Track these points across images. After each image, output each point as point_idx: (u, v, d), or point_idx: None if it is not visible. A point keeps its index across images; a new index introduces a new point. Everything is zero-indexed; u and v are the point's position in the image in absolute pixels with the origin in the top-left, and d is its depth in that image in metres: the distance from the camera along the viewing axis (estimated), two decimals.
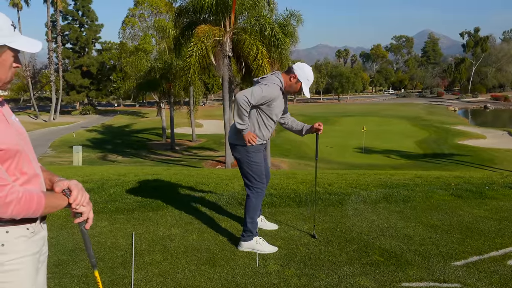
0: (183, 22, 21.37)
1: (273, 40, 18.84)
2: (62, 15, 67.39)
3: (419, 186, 6.19)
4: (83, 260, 3.53)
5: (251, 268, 3.41)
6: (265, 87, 3.57)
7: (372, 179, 6.91)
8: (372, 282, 3.15)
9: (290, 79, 3.67)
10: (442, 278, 3.21)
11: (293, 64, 3.78)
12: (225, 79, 20.31)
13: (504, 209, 5.04)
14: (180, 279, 3.21)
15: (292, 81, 3.67)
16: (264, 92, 3.54)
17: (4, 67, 1.55)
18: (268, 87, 3.58)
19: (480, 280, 3.16)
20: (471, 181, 6.63)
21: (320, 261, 3.55)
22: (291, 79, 3.67)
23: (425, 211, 4.99)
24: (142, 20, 59.05)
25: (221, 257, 3.62)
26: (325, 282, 3.16)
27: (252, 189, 3.77)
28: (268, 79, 3.65)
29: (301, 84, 3.66)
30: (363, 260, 3.56)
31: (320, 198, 5.44)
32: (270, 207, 5.10)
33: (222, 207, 5.11)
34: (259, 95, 3.53)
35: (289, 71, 3.71)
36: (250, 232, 3.74)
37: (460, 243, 3.92)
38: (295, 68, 3.68)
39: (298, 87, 3.68)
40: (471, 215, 4.79)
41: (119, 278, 3.20)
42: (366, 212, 4.95)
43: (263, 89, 3.55)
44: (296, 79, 3.66)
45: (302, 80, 3.65)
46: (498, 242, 3.95)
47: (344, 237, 4.10)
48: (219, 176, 7.15)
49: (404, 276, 3.25)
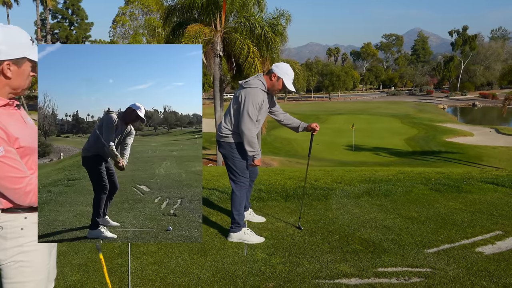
0: (173, 21, 21.54)
1: (263, 39, 19.12)
2: (51, 14, 67.04)
3: (400, 181, 6.51)
4: (82, 251, 3.77)
5: (240, 256, 3.68)
6: (248, 103, 3.80)
7: (357, 175, 7.21)
8: (351, 268, 3.43)
9: (271, 79, 3.96)
10: (414, 263, 3.51)
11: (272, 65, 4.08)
12: (216, 78, 20.54)
13: (478, 202, 5.37)
14: (174, 267, 3.46)
15: (273, 80, 3.95)
16: (255, 107, 3.81)
17: (23, 76, 1.81)
18: (252, 97, 3.81)
19: (449, 265, 3.46)
20: (450, 177, 6.97)
21: (303, 250, 3.83)
22: (272, 78, 3.95)
23: (404, 204, 5.30)
24: (132, 19, 58.83)
25: (212, 247, 3.88)
26: (307, 268, 3.43)
27: (235, 183, 4.04)
28: (250, 83, 3.91)
29: (282, 80, 3.93)
30: (344, 248, 3.85)
31: (306, 192, 5.73)
32: (258, 202, 5.38)
33: (213, 202, 5.38)
34: (255, 114, 3.81)
35: (268, 72, 4.00)
36: (238, 223, 4.01)
37: (434, 233, 4.23)
38: (273, 67, 3.99)
39: (280, 83, 3.95)
40: (446, 208, 5.11)
41: (117, 266, 3.45)
42: (348, 205, 5.25)
43: (250, 104, 3.80)
44: (277, 77, 3.94)
45: (282, 76, 3.93)
46: (469, 232, 4.27)
47: (327, 228, 4.38)
48: (210, 173, 7.41)
49: (380, 262, 3.54)
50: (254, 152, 3.87)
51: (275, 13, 21.32)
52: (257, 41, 19.26)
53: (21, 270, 1.82)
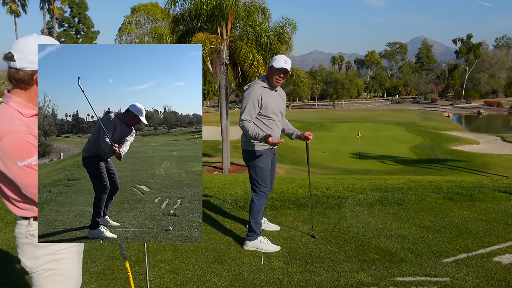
0: (180, 29, 21.70)
1: (269, 48, 19.23)
2: (58, 22, 67.63)
3: (412, 190, 6.49)
4: (99, 259, 3.78)
5: (257, 265, 3.67)
6: (246, 98, 3.92)
7: (367, 183, 7.19)
8: (369, 277, 3.42)
9: (268, 72, 4.01)
10: (433, 273, 3.49)
11: None
12: (222, 86, 20.62)
13: (492, 211, 5.34)
14: (191, 275, 3.46)
15: (269, 72, 3.99)
16: (251, 101, 3.88)
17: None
18: (250, 92, 3.92)
19: (467, 275, 3.44)
20: (462, 185, 6.94)
21: (320, 258, 3.82)
22: (268, 71, 4.01)
23: (418, 213, 5.28)
24: (138, 27, 59.30)
25: (228, 256, 3.88)
26: (325, 277, 3.42)
27: (255, 192, 4.05)
28: (250, 84, 4.04)
29: (273, 65, 3.93)
30: (360, 257, 3.84)
31: (318, 201, 5.72)
32: (271, 210, 5.38)
33: (225, 210, 5.38)
34: (249, 108, 3.88)
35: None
36: (254, 232, 4.01)
37: (450, 242, 4.21)
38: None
39: (273, 71, 3.93)
40: (461, 217, 5.08)
41: (135, 274, 3.45)
42: (362, 214, 5.24)
43: (247, 100, 3.90)
44: (269, 67, 4.00)
45: (273, 62, 3.96)
46: (485, 241, 4.24)
47: (342, 237, 4.37)
48: (221, 181, 7.42)
49: (398, 271, 3.53)
50: (254, 137, 3.83)
51: (281, 22, 21.47)
52: (263, 50, 19.37)
53: (53, 278, 1.83)
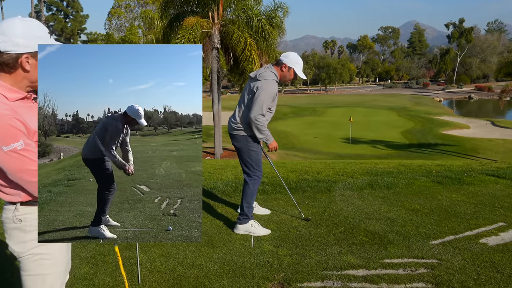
0: (170, 13, 21.41)
1: (261, 32, 19.06)
2: (46, 6, 66.48)
3: (402, 174, 6.55)
4: (90, 244, 3.79)
5: (247, 248, 3.70)
6: (264, 93, 3.82)
7: (358, 167, 7.25)
8: (358, 259, 3.47)
9: (282, 69, 3.97)
10: (420, 255, 3.55)
11: (280, 56, 4.08)
12: (214, 71, 20.46)
13: (479, 194, 5.42)
14: (182, 259, 3.49)
15: (284, 71, 3.97)
16: (268, 98, 3.84)
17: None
18: (268, 88, 3.84)
19: (454, 256, 3.50)
20: (451, 169, 7.01)
21: (310, 241, 3.86)
22: (283, 69, 3.97)
23: (407, 196, 5.34)
24: (128, 11, 58.41)
25: (218, 239, 3.91)
26: (315, 260, 3.46)
27: (249, 176, 4.06)
28: (264, 75, 3.90)
29: (293, 69, 3.95)
30: (349, 240, 3.89)
31: (309, 185, 5.75)
32: (262, 194, 5.40)
33: (216, 194, 5.40)
34: (267, 104, 3.84)
35: (278, 63, 4.00)
36: (246, 215, 4.04)
37: (438, 224, 4.27)
38: (283, 58, 3.99)
39: (291, 73, 3.98)
40: (449, 199, 5.15)
41: (126, 259, 3.47)
42: (352, 198, 5.29)
43: (266, 95, 3.82)
44: (287, 67, 3.95)
45: (293, 66, 3.96)
46: (472, 223, 4.31)
47: (332, 220, 4.42)
48: (212, 166, 7.43)
49: (387, 253, 3.58)
50: (265, 137, 3.91)
51: (273, 6, 21.26)
52: (255, 34, 19.20)
53: (41, 262, 1.83)
